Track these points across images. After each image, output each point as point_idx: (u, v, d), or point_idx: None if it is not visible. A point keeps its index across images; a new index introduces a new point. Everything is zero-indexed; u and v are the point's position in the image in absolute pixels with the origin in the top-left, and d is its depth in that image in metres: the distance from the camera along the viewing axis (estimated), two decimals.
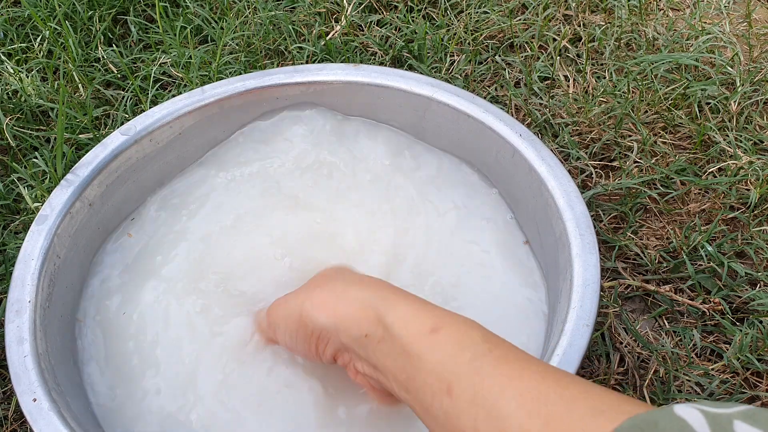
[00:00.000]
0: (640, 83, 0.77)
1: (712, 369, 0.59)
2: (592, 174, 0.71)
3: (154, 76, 0.79)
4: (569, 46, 0.83)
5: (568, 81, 0.79)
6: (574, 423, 0.31)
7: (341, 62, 0.80)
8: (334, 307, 0.43)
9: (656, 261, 0.65)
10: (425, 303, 0.41)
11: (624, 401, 0.31)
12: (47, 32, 0.83)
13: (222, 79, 0.74)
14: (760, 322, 0.60)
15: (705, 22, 0.84)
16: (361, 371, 0.43)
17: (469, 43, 0.83)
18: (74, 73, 0.80)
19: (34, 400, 0.45)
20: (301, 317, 0.45)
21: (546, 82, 0.80)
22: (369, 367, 0.42)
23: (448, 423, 0.36)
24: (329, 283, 0.45)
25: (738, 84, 0.76)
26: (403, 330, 0.39)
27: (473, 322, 0.39)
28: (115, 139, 0.59)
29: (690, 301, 0.63)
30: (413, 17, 0.86)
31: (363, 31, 0.86)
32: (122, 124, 0.70)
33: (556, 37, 0.83)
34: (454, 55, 0.82)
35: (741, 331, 0.60)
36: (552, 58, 0.82)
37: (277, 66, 0.82)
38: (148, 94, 0.78)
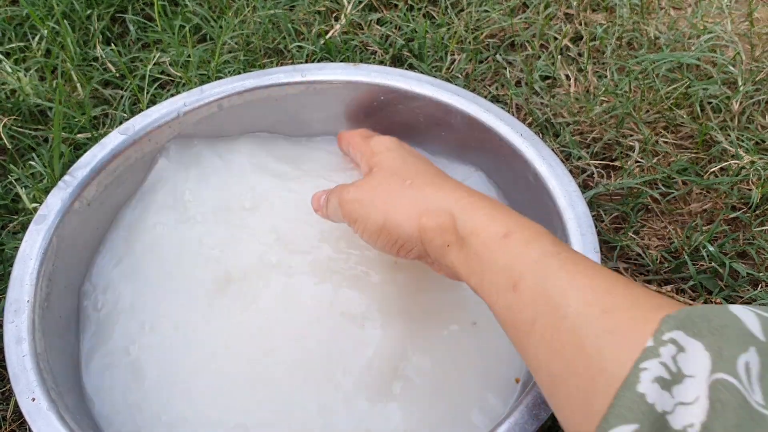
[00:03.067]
0: (641, 82, 0.77)
1: None
2: (593, 174, 0.71)
3: (153, 76, 0.79)
4: (570, 45, 0.83)
5: (570, 80, 0.79)
6: (634, 313, 0.32)
7: (341, 61, 0.80)
8: (419, 219, 0.44)
9: (658, 261, 0.65)
10: (501, 209, 0.43)
11: (686, 305, 0.32)
12: (45, 31, 0.83)
13: (221, 78, 0.73)
14: None
15: (707, 22, 0.84)
16: (443, 269, 0.47)
17: (469, 42, 0.83)
18: (72, 72, 0.80)
19: (33, 399, 0.45)
20: (385, 226, 0.46)
21: (547, 81, 0.80)
22: (450, 271, 0.44)
23: (510, 317, 0.38)
24: (410, 189, 0.46)
25: (740, 83, 0.76)
26: (477, 238, 0.41)
27: (544, 229, 0.41)
28: (113, 139, 0.59)
29: (692, 302, 0.63)
30: (413, 16, 0.86)
31: (363, 29, 0.85)
32: (121, 123, 0.69)
33: (558, 36, 0.83)
34: (454, 54, 0.82)
35: None
36: (553, 57, 0.81)
37: (277, 65, 0.82)
38: (146, 93, 0.77)
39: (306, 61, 0.81)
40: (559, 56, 0.81)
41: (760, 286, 0.63)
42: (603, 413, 0.30)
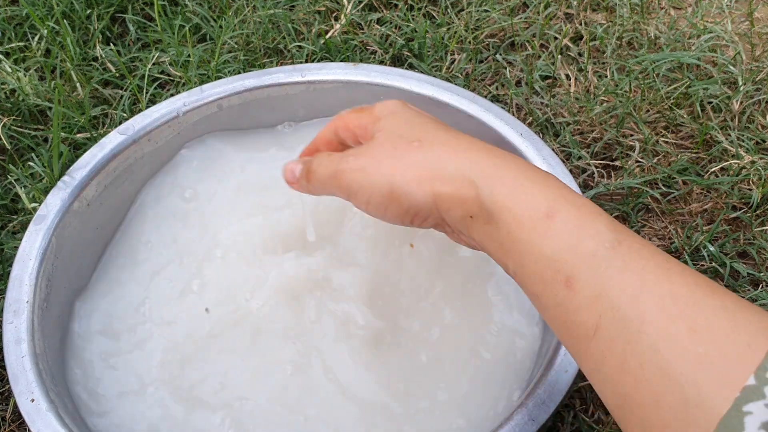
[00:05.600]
0: (641, 82, 0.77)
1: None
2: (593, 173, 0.71)
3: (152, 75, 0.79)
4: (570, 45, 0.82)
5: (570, 80, 0.79)
6: (734, 337, 0.27)
7: (341, 61, 0.80)
8: (431, 184, 0.37)
9: None
10: (535, 177, 0.36)
11: None
12: (45, 31, 0.83)
13: (221, 77, 0.73)
14: None
15: (707, 21, 0.84)
16: (465, 241, 0.40)
17: (469, 42, 0.83)
18: (72, 72, 0.79)
19: (32, 400, 0.45)
20: (392, 193, 0.39)
21: (547, 81, 0.80)
22: (475, 243, 0.38)
23: (560, 315, 0.32)
24: (419, 151, 0.39)
25: (740, 83, 0.76)
26: (510, 214, 0.34)
27: (596, 207, 0.34)
28: (113, 139, 0.58)
29: None
30: (413, 15, 0.86)
31: (363, 29, 0.85)
32: (120, 123, 0.69)
33: (558, 36, 0.83)
34: (454, 54, 0.82)
35: None
36: (553, 56, 0.81)
37: (277, 65, 0.82)
38: (146, 93, 0.77)
39: (306, 61, 0.81)
40: (560, 56, 0.81)
41: (761, 286, 0.63)
42: None
